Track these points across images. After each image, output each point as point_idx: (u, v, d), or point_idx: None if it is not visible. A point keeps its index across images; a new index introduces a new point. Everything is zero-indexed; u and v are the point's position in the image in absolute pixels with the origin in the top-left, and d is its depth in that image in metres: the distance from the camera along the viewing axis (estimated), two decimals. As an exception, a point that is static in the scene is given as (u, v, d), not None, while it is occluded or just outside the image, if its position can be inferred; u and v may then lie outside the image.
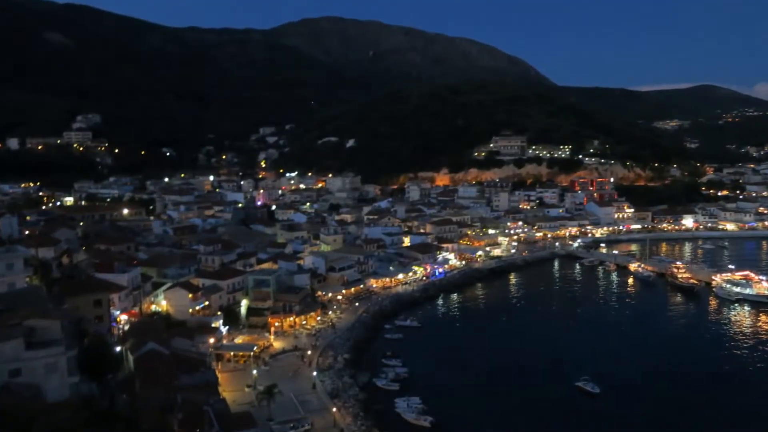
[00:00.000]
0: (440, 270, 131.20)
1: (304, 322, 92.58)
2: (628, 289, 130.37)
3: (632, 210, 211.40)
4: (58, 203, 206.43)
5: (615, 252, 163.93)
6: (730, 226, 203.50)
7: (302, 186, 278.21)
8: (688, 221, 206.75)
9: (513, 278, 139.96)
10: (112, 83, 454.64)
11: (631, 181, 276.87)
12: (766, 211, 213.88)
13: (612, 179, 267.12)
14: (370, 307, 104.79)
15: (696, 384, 76.27)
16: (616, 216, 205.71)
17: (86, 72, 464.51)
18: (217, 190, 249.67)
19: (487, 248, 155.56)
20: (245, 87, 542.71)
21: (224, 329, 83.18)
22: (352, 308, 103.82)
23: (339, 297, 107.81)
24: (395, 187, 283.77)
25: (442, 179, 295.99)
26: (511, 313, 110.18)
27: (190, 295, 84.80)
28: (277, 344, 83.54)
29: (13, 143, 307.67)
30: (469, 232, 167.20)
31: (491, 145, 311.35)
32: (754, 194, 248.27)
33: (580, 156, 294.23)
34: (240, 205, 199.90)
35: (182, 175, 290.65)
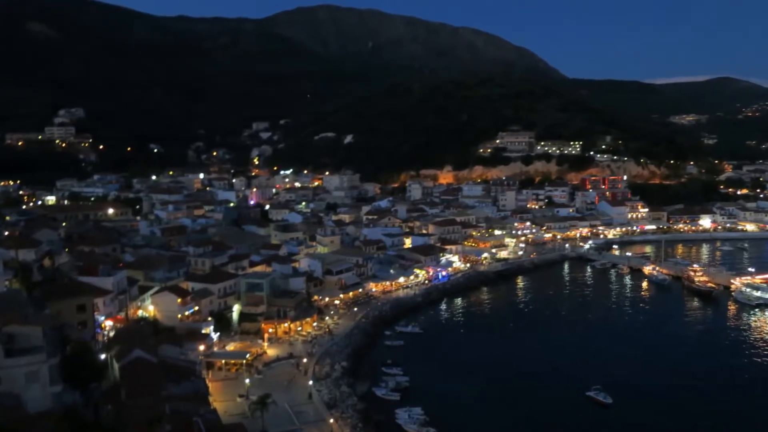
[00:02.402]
0: (443, 273, 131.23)
1: (299, 329, 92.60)
2: (642, 293, 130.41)
3: (646, 210, 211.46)
4: (40, 202, 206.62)
5: (628, 254, 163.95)
6: (750, 227, 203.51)
7: (297, 184, 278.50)
8: (705, 222, 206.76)
9: (520, 282, 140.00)
10: (96, 76, 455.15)
11: (646, 179, 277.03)
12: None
13: (625, 177, 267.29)
14: (370, 312, 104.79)
15: (714, 393, 76.28)
16: (629, 216, 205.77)
17: (70, 64, 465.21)
18: (208, 188, 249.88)
19: (493, 250, 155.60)
20: (237, 80, 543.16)
21: (215, 336, 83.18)
22: (350, 313, 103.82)
23: (336, 302, 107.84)
24: (396, 185, 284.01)
25: (446, 177, 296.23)
26: (518, 319, 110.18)
27: (179, 300, 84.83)
28: (271, 352, 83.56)
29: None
30: (473, 233, 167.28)
31: (497, 142, 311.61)
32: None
33: (592, 152, 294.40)
34: (232, 204, 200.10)
35: (171, 173, 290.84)
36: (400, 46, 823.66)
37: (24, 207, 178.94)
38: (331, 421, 62.70)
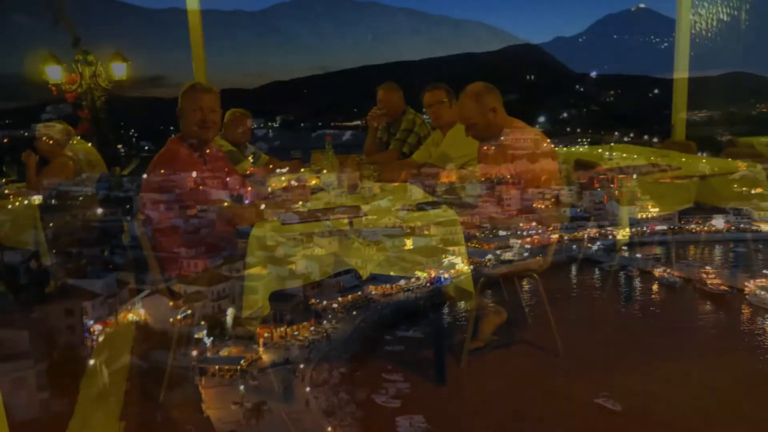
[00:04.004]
0: (446, 275, 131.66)
1: (296, 333, 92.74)
2: (652, 296, 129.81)
3: (657, 209, 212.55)
4: (26, 202, 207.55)
5: (638, 255, 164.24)
6: (766, 227, 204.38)
7: (294, 183, 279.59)
8: (718, 222, 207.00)
9: (525, 284, 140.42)
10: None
11: (656, 177, 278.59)
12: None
13: (635, 175, 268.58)
14: (369, 315, 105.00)
15: (726, 399, 76.53)
16: (639, 216, 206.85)
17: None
18: (201, 187, 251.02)
19: (498, 251, 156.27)
20: (232, 74, 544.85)
21: (208, 341, 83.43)
22: (349, 317, 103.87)
23: (334, 305, 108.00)
24: (396, 184, 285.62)
25: (448, 175, 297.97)
26: (522, 322, 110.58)
27: (171, 303, 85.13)
28: (267, 357, 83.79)
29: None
30: (477, 234, 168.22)
31: (502, 138, 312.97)
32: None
33: (600, 150, 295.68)
34: (226, 204, 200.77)
35: (162, 171, 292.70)
36: (401, 39, 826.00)
37: (9, 206, 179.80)
38: (329, 429, 62.60)
